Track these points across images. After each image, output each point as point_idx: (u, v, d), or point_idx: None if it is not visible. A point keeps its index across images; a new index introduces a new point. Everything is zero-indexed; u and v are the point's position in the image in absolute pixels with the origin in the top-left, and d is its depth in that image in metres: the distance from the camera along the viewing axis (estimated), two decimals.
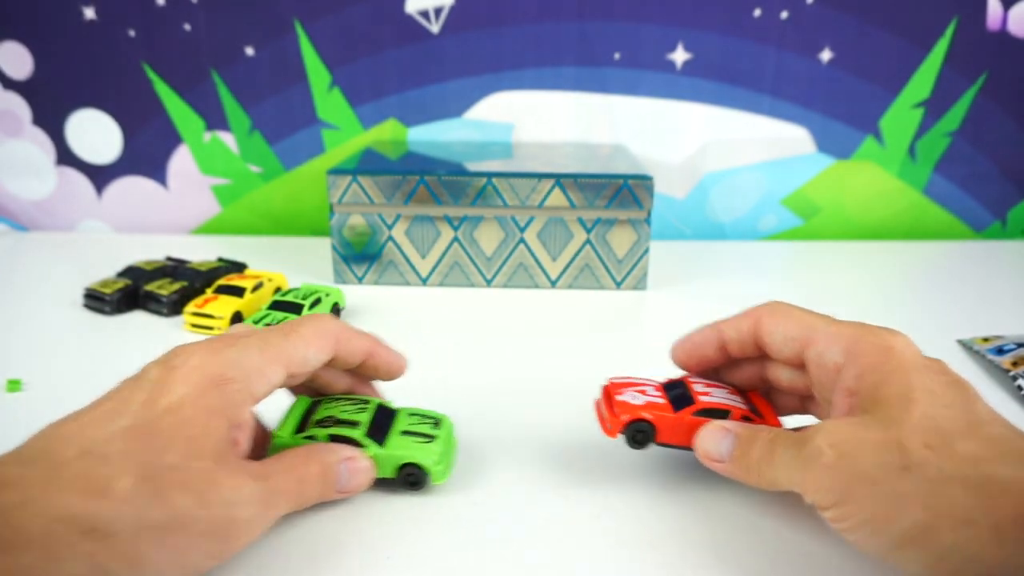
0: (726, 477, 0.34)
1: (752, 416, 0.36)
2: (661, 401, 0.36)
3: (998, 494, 0.26)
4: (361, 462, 0.35)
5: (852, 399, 0.31)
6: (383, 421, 0.37)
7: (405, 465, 0.36)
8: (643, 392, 0.37)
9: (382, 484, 0.36)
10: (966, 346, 0.54)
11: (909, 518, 0.26)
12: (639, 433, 0.36)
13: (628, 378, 0.39)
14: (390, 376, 0.39)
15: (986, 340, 0.54)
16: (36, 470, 0.27)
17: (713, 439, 0.34)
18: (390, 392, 0.41)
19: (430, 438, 0.37)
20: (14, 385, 0.47)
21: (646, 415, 0.35)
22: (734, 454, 0.33)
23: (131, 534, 0.27)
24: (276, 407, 0.37)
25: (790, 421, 0.37)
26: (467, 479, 0.38)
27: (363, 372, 0.39)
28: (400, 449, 0.36)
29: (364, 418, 0.37)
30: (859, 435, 0.29)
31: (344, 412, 0.37)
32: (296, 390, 0.39)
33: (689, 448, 0.35)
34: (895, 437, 0.28)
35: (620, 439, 0.36)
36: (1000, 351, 0.51)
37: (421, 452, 0.36)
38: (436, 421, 0.38)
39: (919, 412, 0.28)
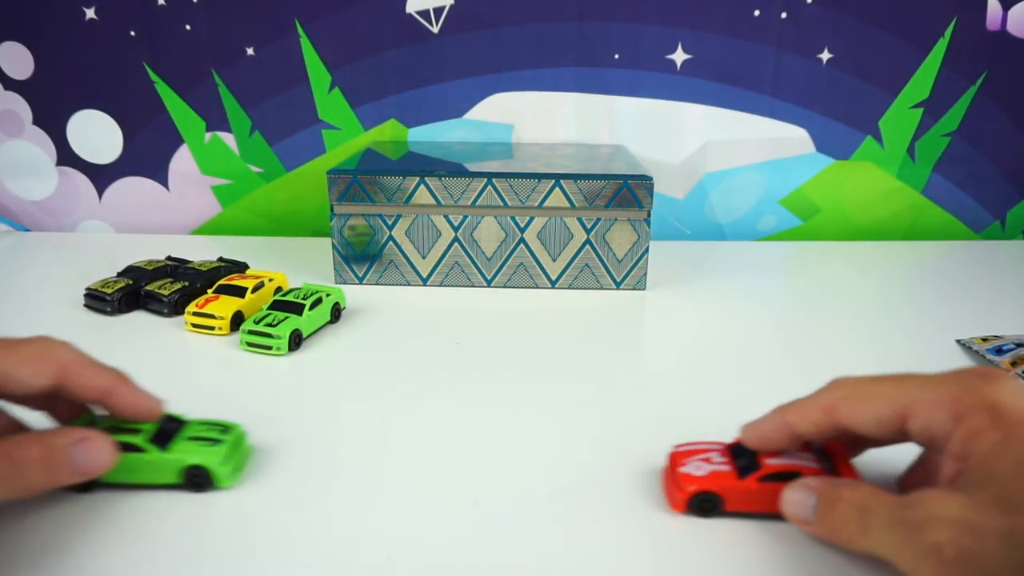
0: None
1: (825, 474, 0.34)
2: (727, 468, 0.35)
3: None
4: (98, 442, 0.33)
5: (960, 464, 0.28)
6: (169, 430, 0.37)
7: (188, 468, 0.36)
8: (708, 460, 0.36)
9: (168, 489, 0.36)
10: (965, 346, 0.55)
11: None
12: (705, 503, 0.35)
13: (693, 444, 0.38)
14: (137, 418, 0.36)
15: (985, 340, 0.54)
16: None
17: (796, 500, 0.32)
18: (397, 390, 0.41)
19: (216, 442, 0.37)
20: None
21: (710, 486, 0.35)
22: (819, 514, 0.32)
23: None
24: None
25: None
26: (466, 477, 0.38)
27: (106, 409, 0.36)
28: (183, 452, 0.36)
29: (149, 426, 0.37)
30: (979, 524, 0.26)
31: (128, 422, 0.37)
32: (58, 412, 0.38)
33: (762, 514, 0.34)
34: (1019, 527, 0.26)
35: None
36: (999, 351, 0.51)
37: (205, 454, 0.36)
38: (225, 428, 0.38)
39: None
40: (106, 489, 0.36)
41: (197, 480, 0.36)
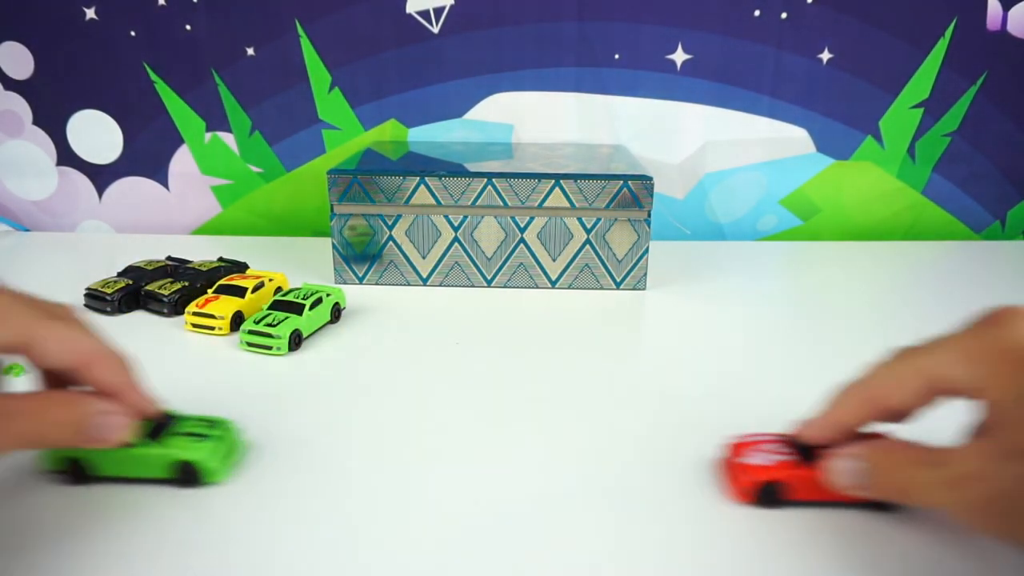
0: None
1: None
2: (789, 458, 0.36)
3: None
4: (117, 419, 0.35)
5: (987, 411, 0.30)
6: (162, 424, 0.38)
7: (178, 463, 0.36)
8: (771, 451, 0.36)
9: (161, 484, 0.37)
10: None
11: None
12: (771, 494, 0.35)
13: (751, 435, 0.38)
14: (134, 418, 0.37)
15: None
16: None
17: (845, 471, 0.34)
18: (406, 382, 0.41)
19: (206, 437, 0.38)
20: (18, 370, 0.47)
21: (776, 475, 0.35)
22: (871, 480, 0.33)
23: None
24: None
25: None
26: (466, 477, 0.39)
27: None
28: (173, 447, 0.37)
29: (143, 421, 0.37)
30: (1007, 471, 0.28)
31: None
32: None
33: (828, 502, 0.35)
34: None
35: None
36: None
37: (194, 449, 0.37)
38: (215, 423, 0.39)
39: None
40: (98, 481, 0.37)
41: (187, 475, 0.37)
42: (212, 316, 0.57)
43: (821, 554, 0.33)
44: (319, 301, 0.57)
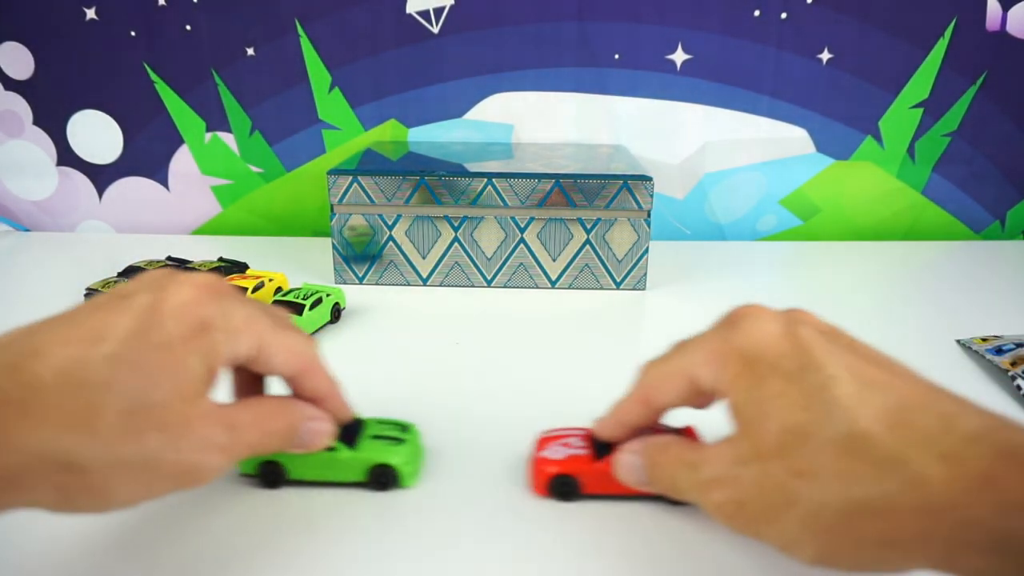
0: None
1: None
2: (584, 452, 0.36)
3: (864, 515, 0.26)
4: (322, 425, 0.35)
5: (731, 411, 0.30)
6: (352, 428, 0.38)
7: (375, 467, 0.37)
8: (567, 445, 0.37)
9: (353, 487, 0.37)
10: (965, 346, 0.55)
11: (808, 551, 0.27)
12: (564, 486, 0.36)
13: (557, 430, 0.39)
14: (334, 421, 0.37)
15: (984, 340, 0.54)
16: (9, 391, 0.26)
17: (627, 467, 0.34)
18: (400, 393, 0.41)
19: (399, 441, 0.38)
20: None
21: (568, 470, 0.36)
22: (648, 476, 0.33)
23: (104, 469, 0.27)
24: None
25: None
26: (460, 478, 0.39)
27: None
28: (370, 451, 0.37)
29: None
30: (744, 475, 0.29)
31: None
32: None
33: (619, 496, 0.36)
34: (771, 472, 0.28)
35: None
36: (999, 351, 0.51)
37: (391, 453, 0.37)
38: (403, 427, 0.39)
39: (777, 427, 0.28)
40: (290, 485, 0.37)
41: (382, 479, 0.37)
42: None
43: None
44: (319, 301, 0.57)
